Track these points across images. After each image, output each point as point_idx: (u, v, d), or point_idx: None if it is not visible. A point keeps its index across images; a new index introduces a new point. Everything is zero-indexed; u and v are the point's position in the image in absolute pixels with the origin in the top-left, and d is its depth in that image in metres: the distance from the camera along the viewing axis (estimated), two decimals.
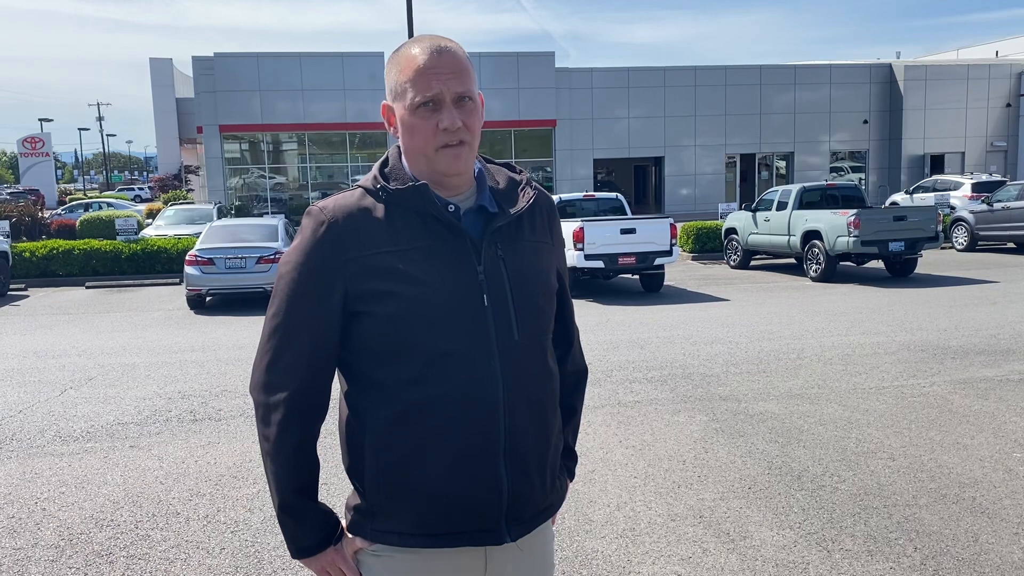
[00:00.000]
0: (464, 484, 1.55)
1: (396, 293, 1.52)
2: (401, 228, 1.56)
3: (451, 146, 1.55)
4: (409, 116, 1.56)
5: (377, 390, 1.57)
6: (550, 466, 1.68)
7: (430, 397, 1.53)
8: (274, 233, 13.98)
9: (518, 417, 1.58)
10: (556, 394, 1.71)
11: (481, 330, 1.55)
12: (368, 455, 1.58)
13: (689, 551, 3.91)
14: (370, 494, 1.60)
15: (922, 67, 37.16)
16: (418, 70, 1.54)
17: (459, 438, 1.54)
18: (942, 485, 4.64)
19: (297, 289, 1.57)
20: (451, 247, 1.56)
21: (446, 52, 1.55)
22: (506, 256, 1.59)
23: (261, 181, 34.27)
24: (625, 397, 6.74)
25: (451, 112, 1.54)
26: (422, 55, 1.54)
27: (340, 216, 1.56)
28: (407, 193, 1.57)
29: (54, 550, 4.08)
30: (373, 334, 1.55)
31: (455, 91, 1.54)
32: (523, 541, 1.65)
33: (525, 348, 1.59)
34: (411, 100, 1.54)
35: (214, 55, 32.23)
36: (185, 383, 7.69)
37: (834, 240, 14.33)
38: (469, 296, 1.55)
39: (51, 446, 5.84)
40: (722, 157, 36.19)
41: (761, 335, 9.34)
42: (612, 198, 16.30)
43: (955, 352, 8.13)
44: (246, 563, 3.89)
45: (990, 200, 19.00)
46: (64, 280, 17.31)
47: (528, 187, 1.69)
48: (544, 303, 1.67)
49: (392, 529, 1.59)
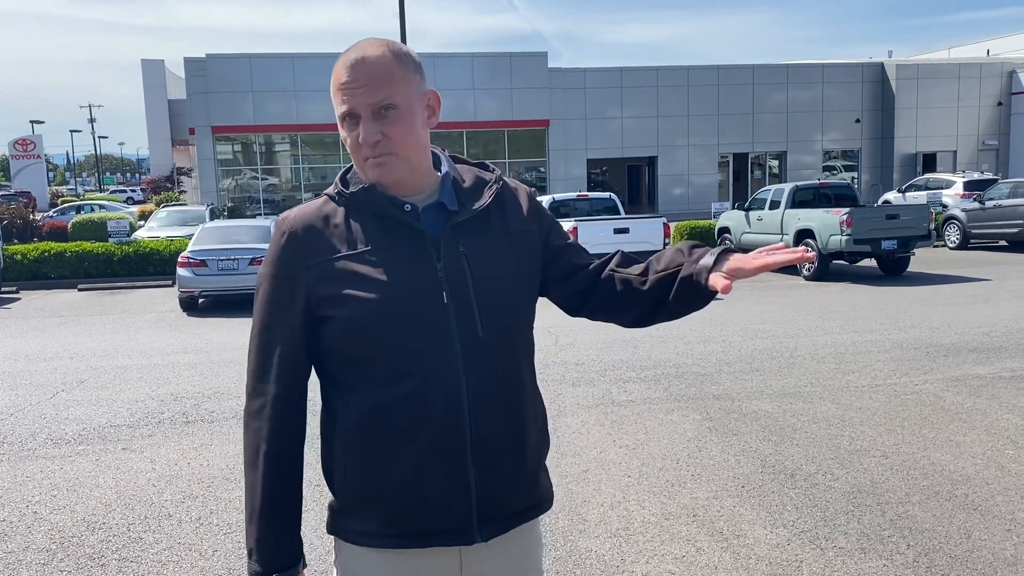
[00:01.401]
0: (431, 482, 1.55)
1: (355, 296, 1.53)
2: (359, 231, 1.57)
3: (374, 158, 1.55)
4: (342, 130, 1.58)
5: (346, 391, 1.58)
6: (529, 464, 1.66)
7: (394, 397, 1.54)
8: (267, 234, 13.94)
9: (485, 414, 1.56)
10: (531, 389, 1.68)
11: (442, 328, 1.54)
12: (338, 455, 1.60)
13: (683, 550, 3.91)
14: (341, 494, 1.61)
15: (914, 66, 37.32)
16: (339, 84, 1.55)
17: (424, 437, 1.54)
18: (935, 482, 4.65)
19: (266, 297, 1.61)
20: (409, 247, 1.56)
21: (361, 63, 1.53)
22: (469, 252, 1.58)
23: (254, 182, 34.23)
24: (619, 396, 6.74)
25: (367, 126, 1.52)
26: (341, 67, 1.55)
27: (299, 226, 1.59)
28: (359, 196, 1.59)
29: (45, 553, 4.06)
30: (337, 337, 1.56)
31: (368, 103, 1.52)
32: (500, 543, 1.63)
33: (491, 344, 1.58)
34: (337, 113, 1.56)
35: (206, 56, 32.20)
36: (178, 385, 7.66)
37: (827, 239, 14.36)
38: (428, 294, 1.54)
39: (43, 449, 5.81)
40: (715, 156, 36.28)
41: (754, 334, 9.35)
42: (605, 198, 16.33)
43: (947, 350, 8.15)
44: (239, 565, 3.87)
45: (982, 198, 19.08)
46: (56, 282, 17.25)
47: (496, 183, 1.68)
48: (515, 296, 1.64)
49: (363, 530, 1.59)
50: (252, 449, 1.60)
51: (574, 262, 1.74)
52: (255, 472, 1.60)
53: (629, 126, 35.04)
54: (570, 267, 1.74)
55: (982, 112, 37.20)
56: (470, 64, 32.85)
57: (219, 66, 31.90)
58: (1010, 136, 37.40)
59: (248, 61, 32.33)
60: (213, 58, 32.21)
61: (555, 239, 1.75)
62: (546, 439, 1.74)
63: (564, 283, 1.74)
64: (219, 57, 32.34)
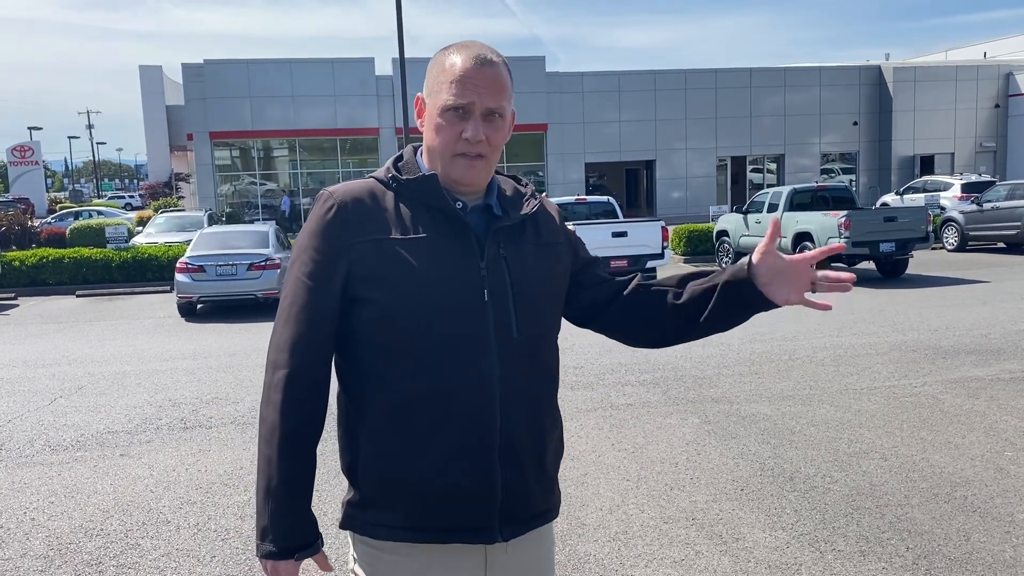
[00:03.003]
0: (457, 478, 1.54)
1: (397, 279, 1.53)
2: (408, 218, 1.58)
3: (467, 156, 1.58)
4: (438, 116, 1.58)
5: (375, 380, 1.57)
6: (548, 469, 1.68)
7: (427, 389, 1.53)
8: (265, 240, 13.93)
9: (514, 415, 1.58)
10: (554, 398, 1.71)
11: (480, 325, 1.55)
12: (363, 445, 1.58)
13: (682, 553, 3.90)
14: (363, 485, 1.59)
15: (911, 69, 37.39)
16: (458, 75, 1.56)
17: (454, 431, 1.54)
18: (934, 484, 4.64)
19: (304, 270, 1.58)
20: (455, 241, 1.58)
21: (490, 66, 1.58)
22: (508, 256, 1.61)
23: (252, 188, 34.22)
24: (617, 400, 6.74)
25: (477, 124, 1.56)
26: (467, 62, 1.57)
27: (348, 199, 1.59)
28: (417, 183, 1.60)
29: (43, 560, 4.05)
30: (372, 321, 1.55)
31: (487, 105, 1.57)
32: (522, 544, 1.64)
33: (524, 347, 1.60)
34: (444, 102, 1.57)
35: (204, 62, 32.21)
36: (176, 391, 7.65)
37: (825, 241, 14.35)
38: (470, 290, 1.56)
39: (40, 455, 5.80)
40: (713, 160, 36.30)
41: (753, 337, 9.35)
42: (603, 201, 16.32)
43: (946, 352, 8.15)
44: (237, 571, 3.86)
45: (980, 200, 19.09)
46: (54, 289, 17.24)
47: (533, 197, 1.72)
48: (547, 304, 1.68)
49: (384, 522, 1.58)
50: (272, 425, 1.56)
51: (599, 274, 1.81)
52: (271, 449, 1.56)
53: (627, 130, 35.07)
54: (596, 278, 1.80)
55: (979, 114, 37.25)
56: None
57: (217, 72, 31.91)
58: (1007, 138, 37.45)
59: (246, 67, 32.34)
60: (211, 64, 32.22)
61: (583, 252, 1.82)
62: (562, 447, 1.76)
63: (587, 291, 1.79)
64: (217, 63, 32.35)
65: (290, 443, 1.56)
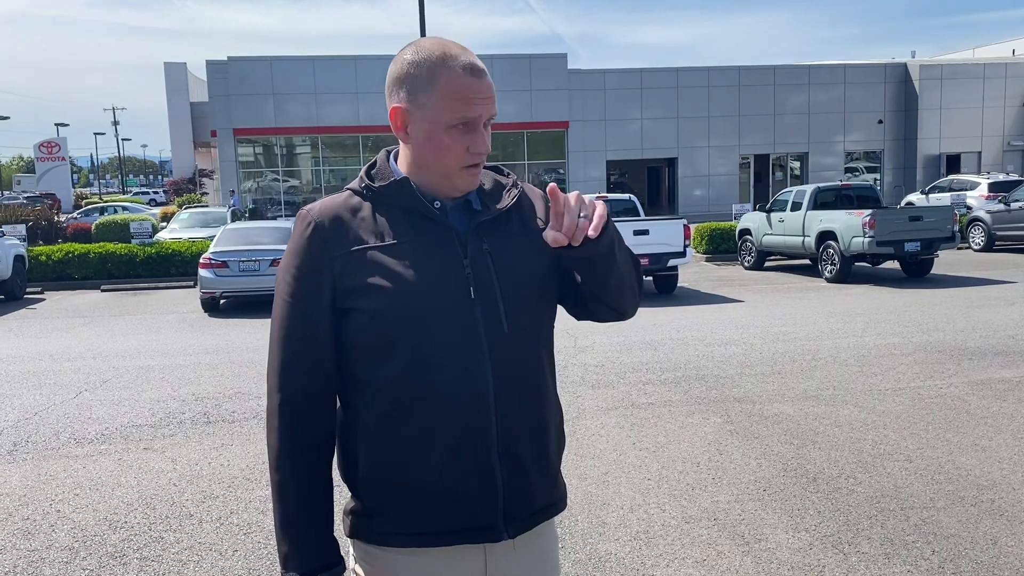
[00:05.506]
0: (457, 480, 1.53)
1: (382, 287, 1.52)
2: (386, 225, 1.57)
3: (474, 166, 1.57)
4: (441, 134, 1.53)
5: (368, 387, 1.56)
6: (549, 463, 1.66)
7: (420, 392, 1.53)
8: (287, 236, 14.02)
9: (510, 411, 1.56)
10: (551, 389, 1.68)
11: (469, 323, 1.54)
12: (360, 454, 1.58)
13: (703, 554, 3.88)
14: (364, 494, 1.59)
15: (937, 66, 36.92)
16: (461, 92, 1.51)
17: (451, 433, 1.53)
18: (960, 487, 4.59)
19: (289, 291, 1.58)
20: (437, 241, 1.56)
21: (485, 75, 1.56)
22: (493, 250, 1.58)
23: (275, 184, 34.43)
24: (639, 399, 6.71)
25: (483, 136, 1.55)
26: (463, 76, 1.52)
27: (326, 216, 1.58)
28: (390, 189, 1.58)
29: (68, 552, 4.10)
30: (361, 330, 1.54)
31: (491, 113, 1.56)
32: (523, 540, 1.63)
33: (516, 340, 1.58)
34: (449, 119, 1.52)
35: (228, 59, 32.42)
36: (199, 385, 7.71)
37: (849, 240, 14.23)
38: (455, 289, 1.54)
39: (66, 448, 5.87)
40: (736, 158, 36.06)
41: (775, 336, 9.28)
42: (625, 199, 16.24)
43: (972, 353, 8.05)
44: (259, 565, 3.88)
45: (1007, 200, 18.82)
46: (80, 283, 17.43)
47: (514, 187, 1.69)
48: (537, 294, 1.64)
49: (388, 530, 1.58)
50: (277, 450, 1.57)
51: None
52: (282, 474, 1.56)
53: (649, 127, 34.92)
54: None
55: (1007, 112, 36.73)
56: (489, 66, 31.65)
57: (240, 69, 32.11)
58: None
59: (269, 64, 32.53)
60: (234, 61, 32.43)
61: None
62: (563, 437, 1.74)
63: (570, 274, 1.69)
64: (240, 60, 32.56)
65: (298, 468, 1.56)
